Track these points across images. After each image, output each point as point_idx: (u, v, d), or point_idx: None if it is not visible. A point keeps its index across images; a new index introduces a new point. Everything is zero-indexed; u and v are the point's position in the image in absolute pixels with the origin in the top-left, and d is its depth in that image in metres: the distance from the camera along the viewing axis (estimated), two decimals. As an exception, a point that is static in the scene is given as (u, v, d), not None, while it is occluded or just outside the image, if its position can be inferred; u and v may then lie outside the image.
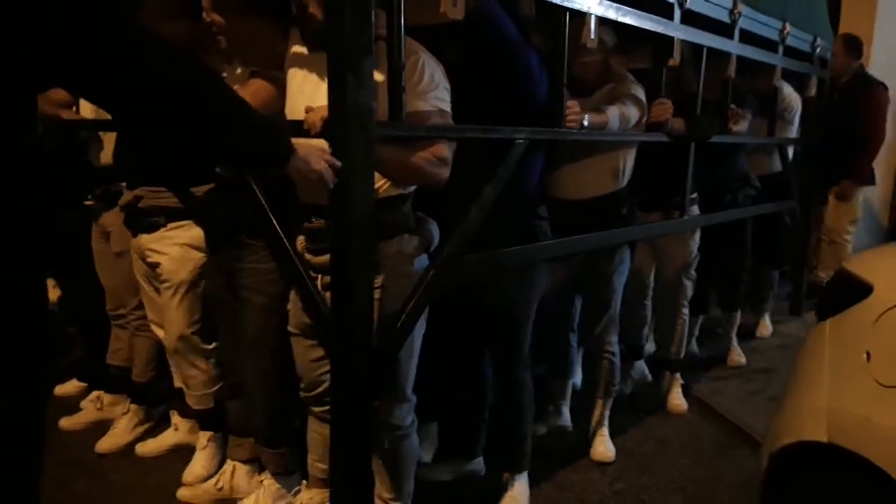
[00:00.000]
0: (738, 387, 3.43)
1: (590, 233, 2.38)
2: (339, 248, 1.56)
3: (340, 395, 1.62)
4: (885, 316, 1.44)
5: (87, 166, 2.78)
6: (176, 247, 2.33)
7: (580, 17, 2.11)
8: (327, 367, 1.96)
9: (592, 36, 2.14)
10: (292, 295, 1.97)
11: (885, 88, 4.46)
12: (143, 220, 2.34)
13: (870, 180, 4.64)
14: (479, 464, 2.57)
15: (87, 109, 2.49)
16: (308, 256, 1.85)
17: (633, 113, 2.43)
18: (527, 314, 2.30)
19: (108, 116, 1.97)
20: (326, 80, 1.75)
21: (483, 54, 1.98)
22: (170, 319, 2.40)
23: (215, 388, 2.49)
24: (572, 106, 2.15)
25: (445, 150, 1.79)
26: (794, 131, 3.81)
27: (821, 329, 1.67)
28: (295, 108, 1.82)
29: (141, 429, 2.83)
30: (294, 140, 1.46)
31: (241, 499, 2.32)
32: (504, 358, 2.35)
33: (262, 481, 2.30)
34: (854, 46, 4.39)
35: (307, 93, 1.80)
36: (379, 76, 1.59)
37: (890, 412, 1.34)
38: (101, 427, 2.85)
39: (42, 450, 1.04)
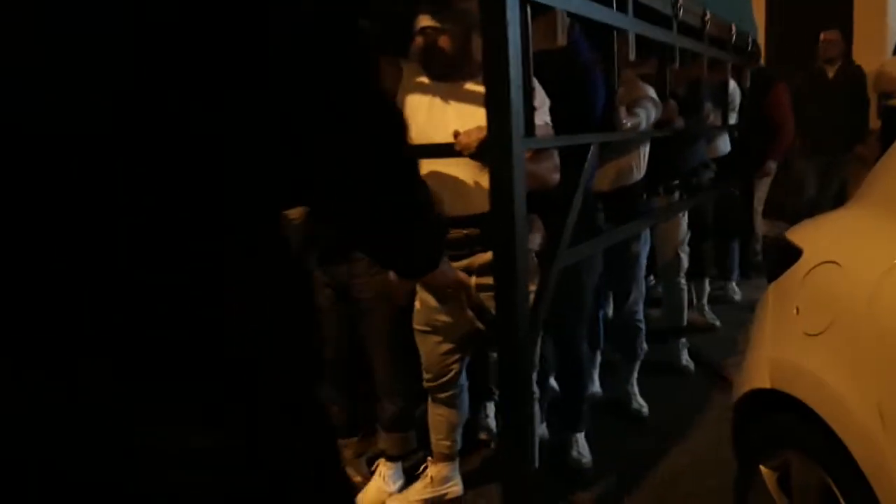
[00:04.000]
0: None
1: (622, 219, 2.74)
2: (503, 250, 1.82)
3: (510, 376, 1.88)
4: (809, 274, 1.64)
5: None
6: None
7: (622, 35, 2.46)
8: (454, 358, 2.25)
9: (633, 50, 2.49)
10: (419, 295, 2.20)
11: (784, 83, 5.11)
12: None
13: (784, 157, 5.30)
14: (543, 429, 2.88)
15: None
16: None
17: (653, 113, 2.82)
18: (590, 297, 2.65)
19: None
20: (452, 105, 2.04)
21: (566, 74, 2.28)
22: None
23: None
24: (622, 112, 2.50)
25: (557, 158, 2.08)
26: (734, 118, 4.36)
27: (767, 292, 1.88)
28: (424, 133, 2.05)
29: None
30: None
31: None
32: (570, 336, 2.67)
33: (377, 466, 2.49)
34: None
35: (436, 118, 2.04)
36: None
37: (813, 357, 1.52)
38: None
39: None
